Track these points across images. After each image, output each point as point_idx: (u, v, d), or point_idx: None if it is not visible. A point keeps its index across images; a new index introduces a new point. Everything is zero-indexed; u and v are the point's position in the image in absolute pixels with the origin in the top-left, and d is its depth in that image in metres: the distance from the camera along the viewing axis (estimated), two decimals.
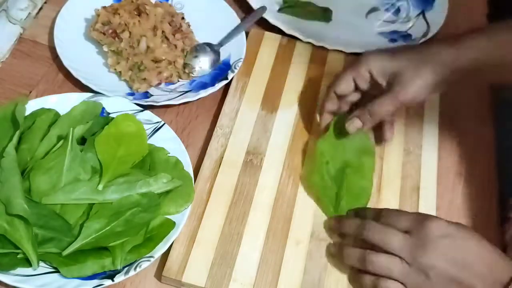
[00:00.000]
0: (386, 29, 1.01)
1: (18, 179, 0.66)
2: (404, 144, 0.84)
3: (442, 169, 0.83)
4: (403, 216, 0.69)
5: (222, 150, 0.79)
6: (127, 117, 0.75)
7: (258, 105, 0.85)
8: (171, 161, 0.74)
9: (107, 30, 0.83)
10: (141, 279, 0.68)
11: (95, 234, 0.66)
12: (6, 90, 0.82)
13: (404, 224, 0.67)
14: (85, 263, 0.65)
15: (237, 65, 0.87)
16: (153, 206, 0.68)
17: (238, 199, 0.75)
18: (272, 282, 0.69)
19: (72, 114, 0.75)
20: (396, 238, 0.66)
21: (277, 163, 0.79)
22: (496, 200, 0.82)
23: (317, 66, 0.91)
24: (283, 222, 0.74)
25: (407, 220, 0.67)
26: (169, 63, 0.84)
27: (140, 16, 0.84)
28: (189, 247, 0.69)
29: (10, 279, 0.63)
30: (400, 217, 0.68)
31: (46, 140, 0.71)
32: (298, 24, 0.97)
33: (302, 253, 0.71)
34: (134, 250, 0.66)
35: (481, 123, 0.91)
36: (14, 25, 0.88)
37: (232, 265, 0.69)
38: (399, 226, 0.67)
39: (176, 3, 0.94)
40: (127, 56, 0.83)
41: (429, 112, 0.88)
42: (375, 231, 0.67)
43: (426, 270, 0.64)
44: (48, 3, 0.92)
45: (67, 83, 0.83)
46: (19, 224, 0.64)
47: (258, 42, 0.92)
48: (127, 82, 0.84)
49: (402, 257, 0.65)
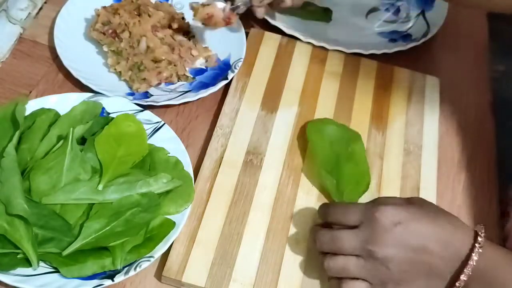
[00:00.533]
0: (386, 29, 1.01)
1: (18, 179, 0.66)
2: (404, 144, 0.84)
3: (442, 169, 0.83)
4: (350, 210, 0.66)
5: (222, 150, 0.79)
6: (127, 117, 0.75)
7: (258, 105, 0.85)
8: (171, 161, 0.74)
9: (107, 30, 0.83)
10: (141, 279, 0.68)
11: (95, 234, 0.66)
12: (6, 90, 0.82)
13: (352, 219, 0.65)
14: (85, 263, 0.65)
15: (237, 65, 0.87)
16: (153, 206, 0.68)
17: (238, 199, 0.75)
18: (272, 282, 0.69)
19: (72, 114, 0.75)
20: (346, 239, 0.64)
21: (277, 163, 0.79)
22: (496, 200, 0.82)
23: (317, 66, 0.91)
24: (283, 222, 0.74)
25: (354, 214, 0.65)
26: (169, 63, 0.84)
27: (140, 16, 0.84)
28: (189, 247, 0.69)
29: (10, 279, 0.63)
30: (347, 212, 0.66)
31: (46, 140, 0.71)
32: (298, 24, 0.97)
33: (302, 253, 0.71)
34: (134, 250, 0.66)
35: (481, 122, 0.91)
36: (14, 25, 0.88)
37: (232, 265, 0.69)
38: (348, 222, 0.65)
39: (176, 3, 0.94)
40: (127, 56, 0.83)
41: (429, 112, 0.88)
42: (324, 240, 0.66)
43: (385, 262, 0.62)
44: (48, 3, 0.92)
45: (67, 83, 0.83)
46: (19, 224, 0.64)
47: (258, 42, 0.92)
48: (127, 82, 0.84)
49: (357, 255, 0.63)
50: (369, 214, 0.64)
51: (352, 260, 0.64)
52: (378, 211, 0.63)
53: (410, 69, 0.93)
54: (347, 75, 0.91)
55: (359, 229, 0.64)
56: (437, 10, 1.02)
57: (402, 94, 0.90)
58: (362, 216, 0.64)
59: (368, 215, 0.64)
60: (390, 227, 0.62)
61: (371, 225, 0.63)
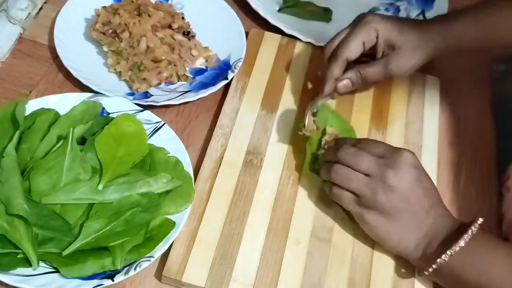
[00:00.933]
0: None
1: (18, 179, 0.66)
2: (404, 144, 0.84)
3: (442, 169, 0.83)
4: (380, 144, 0.71)
5: (222, 150, 0.79)
6: (127, 117, 0.75)
7: (258, 105, 0.85)
8: (171, 161, 0.74)
9: (107, 30, 0.83)
10: (141, 279, 0.68)
11: (95, 234, 0.66)
12: (6, 90, 0.82)
13: (378, 150, 0.70)
14: (85, 263, 0.65)
15: (237, 65, 0.87)
16: (153, 206, 0.68)
17: (238, 199, 0.75)
18: (272, 282, 0.69)
19: (72, 114, 0.75)
20: (367, 160, 0.69)
21: (277, 163, 0.79)
22: (496, 200, 0.82)
23: (317, 66, 0.91)
24: (283, 222, 0.74)
25: (382, 147, 0.70)
26: (169, 63, 0.84)
27: (140, 16, 0.84)
28: (189, 247, 0.69)
29: (10, 279, 0.63)
30: (376, 144, 0.71)
31: (46, 140, 0.71)
32: (298, 24, 0.97)
33: (302, 253, 0.71)
34: (134, 250, 0.66)
35: (481, 122, 0.91)
36: (14, 25, 0.88)
37: (232, 265, 0.69)
38: (374, 151, 0.70)
39: (176, 3, 0.94)
40: (127, 56, 0.83)
41: (429, 112, 0.88)
42: (348, 152, 0.70)
43: (389, 189, 0.67)
44: (48, 3, 0.92)
45: (67, 83, 0.83)
46: (19, 224, 0.64)
47: (258, 42, 0.92)
48: (127, 82, 0.84)
49: (368, 173, 0.68)
50: (397, 150, 0.70)
51: (360, 175, 0.69)
52: (406, 151, 0.69)
53: None
54: None
55: (382, 158, 0.69)
56: (437, 10, 1.02)
57: (402, 94, 0.90)
58: (389, 150, 0.70)
59: (395, 151, 0.69)
60: (411, 166, 0.68)
61: (397, 156, 0.68)
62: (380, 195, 0.68)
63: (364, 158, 0.69)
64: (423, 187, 0.69)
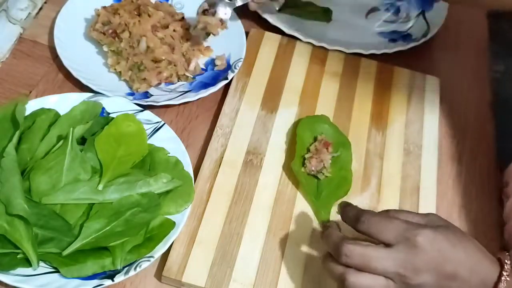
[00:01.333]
0: (386, 29, 1.01)
1: (18, 179, 0.66)
2: (404, 144, 0.84)
3: (442, 169, 0.83)
4: (389, 226, 0.61)
5: (222, 150, 0.79)
6: (127, 117, 0.75)
7: (258, 105, 0.85)
8: (171, 161, 0.74)
9: (107, 30, 0.83)
10: (141, 279, 0.68)
11: (95, 234, 0.66)
12: (6, 90, 0.82)
13: (388, 237, 0.60)
14: (85, 263, 0.65)
15: (237, 65, 0.87)
16: (153, 206, 0.68)
17: (238, 199, 0.75)
18: (272, 282, 0.69)
19: (72, 114, 0.75)
20: (379, 258, 0.59)
21: (277, 163, 0.79)
22: (496, 200, 0.82)
23: (317, 66, 0.91)
24: (283, 222, 0.74)
25: (392, 232, 0.60)
26: (169, 63, 0.84)
27: (140, 16, 0.84)
28: (189, 247, 0.69)
29: (10, 279, 0.63)
30: (385, 228, 0.61)
31: (46, 140, 0.71)
32: (298, 24, 0.97)
33: (302, 253, 0.71)
34: (134, 250, 0.66)
35: (481, 123, 0.91)
36: (14, 25, 0.88)
37: (232, 265, 0.69)
38: (382, 238, 0.60)
39: (176, 3, 0.94)
40: (127, 56, 0.83)
41: (429, 112, 0.88)
42: (353, 254, 0.60)
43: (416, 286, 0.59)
44: (48, 3, 0.92)
45: (67, 83, 0.83)
46: (19, 224, 0.64)
47: (258, 42, 0.92)
48: (127, 82, 0.84)
49: (388, 277, 0.59)
50: (409, 235, 0.59)
51: (381, 280, 0.59)
52: (420, 235, 0.59)
53: (410, 69, 0.93)
54: (347, 75, 0.91)
55: (394, 249, 0.59)
56: (437, 10, 1.02)
57: (402, 94, 0.90)
58: (400, 236, 0.60)
59: (407, 236, 0.59)
60: (431, 254, 0.59)
61: (410, 249, 0.59)
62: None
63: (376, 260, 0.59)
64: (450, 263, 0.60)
